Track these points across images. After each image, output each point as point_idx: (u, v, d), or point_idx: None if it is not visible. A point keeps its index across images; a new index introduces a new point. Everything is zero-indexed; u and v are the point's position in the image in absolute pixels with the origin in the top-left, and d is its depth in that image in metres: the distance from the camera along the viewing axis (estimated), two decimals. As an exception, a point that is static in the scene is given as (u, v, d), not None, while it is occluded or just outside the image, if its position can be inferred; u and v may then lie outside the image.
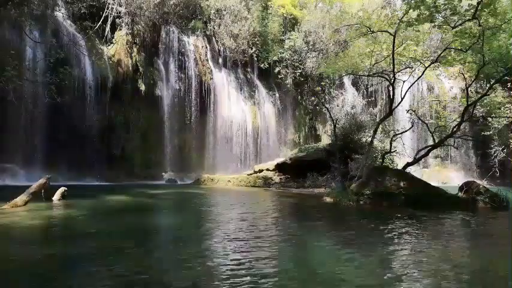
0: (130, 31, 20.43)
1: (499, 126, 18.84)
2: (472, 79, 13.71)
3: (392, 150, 13.89)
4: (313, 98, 26.24)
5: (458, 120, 13.08)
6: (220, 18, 24.15)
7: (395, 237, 6.00)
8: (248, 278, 3.61)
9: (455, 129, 12.79)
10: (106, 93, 18.79)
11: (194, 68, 22.66)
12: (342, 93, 26.85)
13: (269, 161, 20.35)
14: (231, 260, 4.26)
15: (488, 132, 20.01)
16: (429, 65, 13.18)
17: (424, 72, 13.60)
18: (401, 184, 10.07)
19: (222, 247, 4.95)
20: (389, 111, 13.89)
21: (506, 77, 12.31)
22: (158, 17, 21.65)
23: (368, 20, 13.36)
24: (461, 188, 10.75)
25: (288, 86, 26.45)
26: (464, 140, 20.42)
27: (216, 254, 4.62)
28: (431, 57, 14.17)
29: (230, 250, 4.75)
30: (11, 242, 5.10)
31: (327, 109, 16.06)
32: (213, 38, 24.38)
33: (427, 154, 14.28)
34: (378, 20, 13.32)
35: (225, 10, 24.16)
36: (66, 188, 9.35)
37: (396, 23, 11.87)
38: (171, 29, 22.43)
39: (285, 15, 26.84)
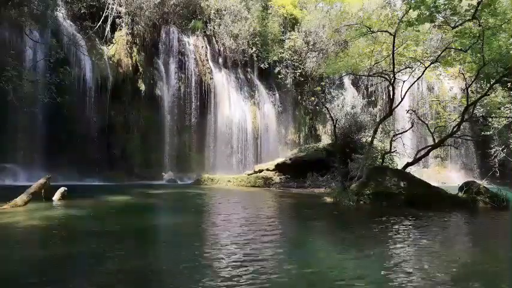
0: (130, 31, 20.42)
1: (499, 126, 18.82)
2: (472, 79, 13.70)
3: (392, 150, 13.89)
4: (313, 98, 26.21)
5: (458, 120, 13.08)
6: (220, 18, 24.14)
7: (396, 237, 6.00)
8: (248, 277, 3.61)
9: (455, 129, 12.79)
10: (106, 93, 18.77)
11: (194, 68, 22.65)
12: (342, 93, 26.81)
13: (269, 161, 20.30)
14: (231, 259, 4.26)
15: (488, 132, 19.98)
16: (429, 65, 13.18)
17: (424, 72, 13.61)
18: (401, 184, 10.07)
19: (221, 247, 4.95)
20: (390, 111, 13.90)
21: (506, 77, 12.30)
22: (158, 17, 21.64)
23: (368, 20, 13.37)
24: (461, 188, 10.76)
25: (288, 86, 26.42)
26: (464, 140, 20.40)
27: (216, 253, 4.62)
28: (431, 57, 14.17)
29: (230, 249, 4.75)
30: (11, 242, 5.10)
31: (327, 109, 16.04)
32: (213, 38, 24.36)
33: (427, 154, 14.28)
34: (378, 20, 13.32)
35: (225, 10, 24.14)
36: (66, 188, 9.35)
37: (396, 23, 11.88)
38: (171, 29, 22.42)
39: (285, 15, 26.82)
